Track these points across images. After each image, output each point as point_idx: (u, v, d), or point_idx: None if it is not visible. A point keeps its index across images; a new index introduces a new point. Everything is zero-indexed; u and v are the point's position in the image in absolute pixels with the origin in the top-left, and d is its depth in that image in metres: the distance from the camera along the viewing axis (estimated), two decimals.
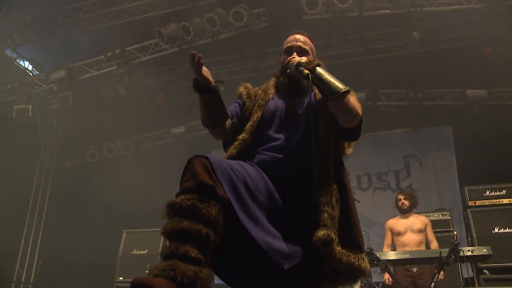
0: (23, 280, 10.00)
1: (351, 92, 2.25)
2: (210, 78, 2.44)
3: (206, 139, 11.48)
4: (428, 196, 10.05)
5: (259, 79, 10.15)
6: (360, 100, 2.40)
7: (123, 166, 11.10)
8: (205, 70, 2.44)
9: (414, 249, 5.71)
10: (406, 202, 6.21)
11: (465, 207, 7.16)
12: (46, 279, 10.13)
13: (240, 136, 2.43)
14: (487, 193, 7.00)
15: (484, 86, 9.35)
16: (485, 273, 6.33)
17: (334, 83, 2.22)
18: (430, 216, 7.25)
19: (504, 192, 6.94)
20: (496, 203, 6.90)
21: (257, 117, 2.47)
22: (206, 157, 2.04)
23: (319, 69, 2.28)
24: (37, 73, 10.44)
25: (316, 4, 7.77)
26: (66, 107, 9.50)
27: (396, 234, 6.07)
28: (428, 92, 9.95)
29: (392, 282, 5.81)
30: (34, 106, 9.55)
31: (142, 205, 9.99)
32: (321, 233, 2.06)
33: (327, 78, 2.24)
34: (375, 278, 7.81)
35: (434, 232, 6.95)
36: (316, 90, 2.37)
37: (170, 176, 10.58)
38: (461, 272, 6.70)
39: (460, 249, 4.46)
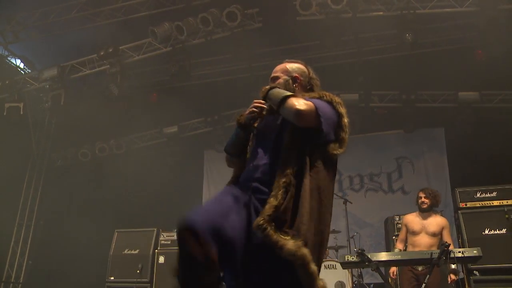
0: (12, 280, 9.91)
1: (294, 97, 2.56)
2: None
3: (198, 139, 11.57)
4: None
5: (252, 79, 10.22)
6: (352, 101, 2.53)
7: (116, 166, 11.06)
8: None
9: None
10: (426, 201, 5.93)
11: (456, 208, 7.19)
12: (36, 279, 10.06)
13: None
14: (478, 195, 7.03)
15: (476, 88, 9.40)
16: (475, 275, 6.38)
17: (276, 96, 2.62)
18: None
19: (494, 194, 6.97)
20: (487, 205, 6.93)
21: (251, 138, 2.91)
22: (193, 227, 2.28)
23: (270, 92, 2.69)
24: (29, 71, 10.39)
25: (310, 5, 7.78)
26: (58, 106, 9.43)
27: (410, 232, 5.87)
28: (420, 94, 10.00)
29: (392, 278, 5.82)
30: (26, 105, 9.50)
31: (134, 205, 9.97)
32: (257, 219, 2.34)
33: (273, 95, 2.65)
34: (366, 279, 7.84)
35: None
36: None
37: (163, 176, 10.65)
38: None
39: (451, 251, 4.47)
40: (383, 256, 4.89)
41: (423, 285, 4.53)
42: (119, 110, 9.81)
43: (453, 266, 5.30)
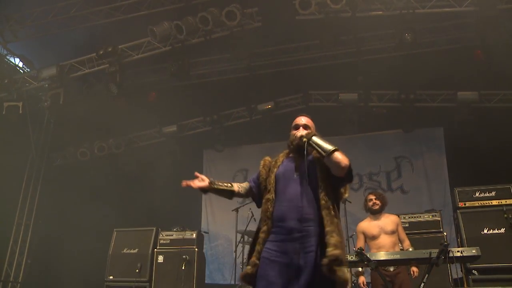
0: (11, 279, 9.91)
1: (339, 150, 3.13)
2: (205, 183, 3.45)
3: (198, 139, 11.57)
4: (418, 197, 10.13)
5: (251, 79, 10.22)
6: (352, 101, 2.68)
7: (115, 165, 11.06)
8: (199, 180, 3.48)
9: (390, 251, 5.62)
10: (377, 202, 5.99)
11: (455, 208, 7.21)
12: (35, 278, 10.06)
13: (268, 196, 3.34)
14: (477, 194, 7.05)
15: (475, 88, 9.41)
16: (474, 274, 6.39)
17: (325, 145, 3.15)
18: (420, 217, 7.31)
19: (493, 193, 6.99)
20: (486, 204, 6.95)
21: (273, 178, 3.42)
22: None
23: (314, 138, 3.23)
24: (28, 70, 10.37)
25: (309, 5, 7.78)
26: (57, 105, 9.41)
27: (370, 238, 5.89)
28: (420, 94, 10.01)
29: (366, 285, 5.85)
30: (25, 104, 9.48)
31: (133, 204, 9.96)
32: (334, 251, 2.88)
33: (320, 143, 3.18)
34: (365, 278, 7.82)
35: (425, 233, 7.01)
36: (314, 153, 3.27)
37: (162, 175, 10.64)
38: (451, 272, 6.75)
39: (449, 250, 4.48)
40: (382, 255, 4.89)
41: (422, 284, 4.52)
42: (118, 109, 9.80)
43: None
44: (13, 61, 10.39)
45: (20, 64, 10.53)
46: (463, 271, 6.63)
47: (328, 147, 3.12)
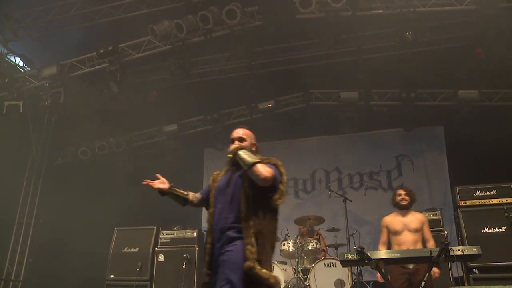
0: (12, 278, 9.91)
1: (260, 163, 3.30)
2: (166, 185, 3.83)
3: (198, 137, 11.57)
4: (419, 196, 9.95)
5: (251, 78, 10.21)
6: (352, 100, 2.64)
7: (115, 164, 11.05)
8: (160, 182, 3.83)
9: (410, 248, 5.60)
10: (407, 198, 5.93)
11: (456, 207, 7.20)
12: (37, 277, 10.06)
13: (210, 210, 3.65)
14: (478, 193, 7.04)
15: (476, 87, 9.40)
16: (474, 272, 6.39)
17: (248, 159, 3.32)
18: None
19: (494, 192, 6.98)
20: (486, 203, 6.94)
21: (213, 192, 3.69)
22: None
23: (240, 152, 3.41)
24: (29, 69, 10.35)
25: (309, 3, 7.77)
26: (57, 104, 9.40)
27: (393, 233, 5.87)
28: (420, 92, 10.00)
29: (380, 281, 5.77)
30: (25, 103, 9.47)
31: (133, 203, 9.96)
32: (247, 263, 3.15)
33: (244, 157, 3.35)
34: (366, 277, 7.85)
35: None
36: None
37: (162, 174, 10.62)
38: (451, 271, 6.75)
39: (450, 249, 4.47)
40: (383, 254, 4.89)
41: (423, 283, 4.52)
42: (118, 108, 9.80)
43: None
44: (13, 60, 10.38)
45: (21, 63, 10.51)
46: (464, 270, 6.63)
47: (249, 160, 3.31)
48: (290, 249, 7.60)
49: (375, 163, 10.80)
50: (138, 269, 7.97)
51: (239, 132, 3.78)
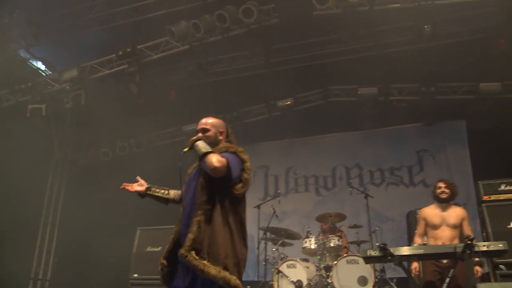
0: (40, 277, 10.12)
1: (212, 153, 3.21)
2: (143, 188, 4.08)
3: None
4: None
5: (270, 76, 10.20)
6: (371, 95, 2.54)
7: (136, 164, 11.14)
8: (138, 184, 4.07)
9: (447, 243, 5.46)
10: (447, 191, 5.69)
11: (480, 201, 7.07)
12: (63, 276, 10.22)
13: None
14: (502, 187, 6.90)
15: (498, 79, 9.24)
16: (501, 269, 6.26)
17: (201, 150, 3.25)
18: None
19: None
20: None
21: (184, 186, 3.64)
22: None
23: (198, 143, 3.33)
24: (50, 73, 10.53)
25: (326, 0, 7.73)
26: (78, 106, 9.55)
27: (430, 226, 5.68)
28: (440, 86, 9.87)
29: (415, 274, 5.69)
30: (48, 106, 9.63)
31: (155, 203, 10.02)
32: (180, 250, 3.12)
33: (198, 148, 3.28)
34: (389, 274, 7.78)
35: None
36: None
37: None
38: None
39: (475, 245, 4.40)
40: (406, 250, 4.84)
41: (448, 279, 4.46)
42: (138, 109, 9.88)
43: (477, 258, 5.19)
44: (35, 64, 10.57)
45: (43, 67, 10.70)
46: (490, 266, 6.52)
47: (201, 151, 3.25)
48: (312, 246, 7.59)
49: (396, 158, 10.71)
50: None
51: (202, 122, 3.71)
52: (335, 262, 7.05)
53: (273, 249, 7.92)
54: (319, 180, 11.26)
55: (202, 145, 3.30)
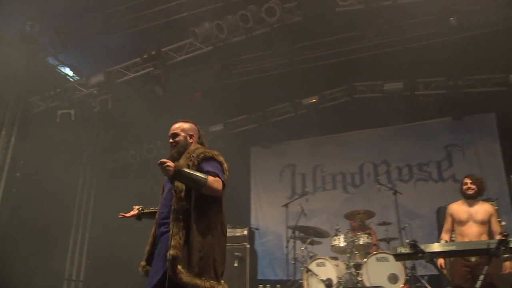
0: (73, 278, 10.34)
1: (208, 180, 3.30)
2: (135, 211, 4.23)
3: (245, 136, 11.65)
4: None
5: (294, 74, 10.17)
6: (397, 91, 2.49)
7: None
8: (132, 212, 4.25)
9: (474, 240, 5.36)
10: (473, 187, 5.56)
11: None
12: (95, 277, 10.40)
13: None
14: None
15: None
16: None
17: (196, 184, 3.30)
18: None
19: None
20: None
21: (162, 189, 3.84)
22: None
23: (184, 173, 3.33)
24: (78, 78, 10.74)
25: None
26: (106, 110, 9.73)
27: (457, 222, 5.58)
28: (468, 79, 9.69)
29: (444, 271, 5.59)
30: (76, 110, 9.82)
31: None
32: (171, 251, 3.13)
33: (190, 178, 3.32)
34: (420, 271, 7.70)
35: None
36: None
37: None
38: None
39: (509, 240, 4.30)
40: (437, 247, 4.77)
41: (482, 276, 4.37)
42: (164, 111, 9.97)
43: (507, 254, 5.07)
44: (63, 70, 10.81)
45: (70, 73, 10.93)
46: None
47: (199, 184, 3.33)
48: (341, 244, 7.55)
49: (424, 154, 10.57)
50: None
51: (172, 128, 3.91)
52: (365, 260, 7.01)
53: (302, 248, 7.91)
54: (346, 177, 11.20)
55: (190, 176, 3.34)
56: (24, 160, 9.31)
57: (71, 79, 10.82)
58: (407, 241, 5.77)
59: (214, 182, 3.33)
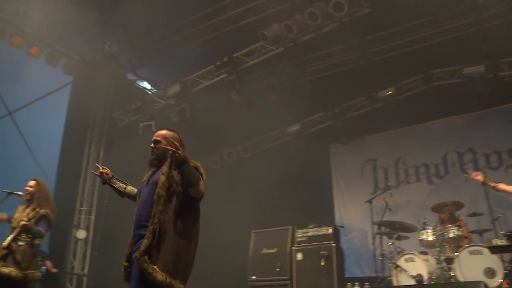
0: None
1: (201, 181, 3.50)
2: (107, 175, 4.20)
3: (322, 134, 11.59)
4: None
5: (368, 67, 9.99)
6: (478, 74, 2.36)
7: (244, 169, 11.43)
8: (105, 171, 4.22)
9: None
10: None
11: None
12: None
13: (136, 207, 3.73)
14: None
15: None
16: None
17: (193, 175, 3.45)
18: None
19: None
20: None
21: (139, 191, 3.88)
22: None
23: (188, 165, 3.47)
24: (155, 90, 11.22)
25: None
26: (184, 119, 10.06)
27: None
28: None
29: None
30: (157, 122, 10.24)
31: (265, 205, 10.23)
32: (135, 253, 3.28)
33: (190, 172, 3.45)
34: None
35: None
36: (163, 169, 3.68)
37: (290, 175, 10.79)
38: None
39: None
40: None
41: None
42: (241, 115, 10.15)
43: None
44: (142, 84, 11.35)
45: (148, 86, 11.44)
46: None
47: (195, 178, 3.47)
48: (430, 238, 7.29)
49: None
50: (277, 269, 8.18)
51: (155, 134, 4.06)
52: (457, 253, 6.71)
53: (389, 243, 7.73)
54: (430, 168, 10.81)
55: (193, 168, 3.52)
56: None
57: (149, 92, 11.34)
58: (502, 232, 5.49)
59: (202, 184, 3.51)
